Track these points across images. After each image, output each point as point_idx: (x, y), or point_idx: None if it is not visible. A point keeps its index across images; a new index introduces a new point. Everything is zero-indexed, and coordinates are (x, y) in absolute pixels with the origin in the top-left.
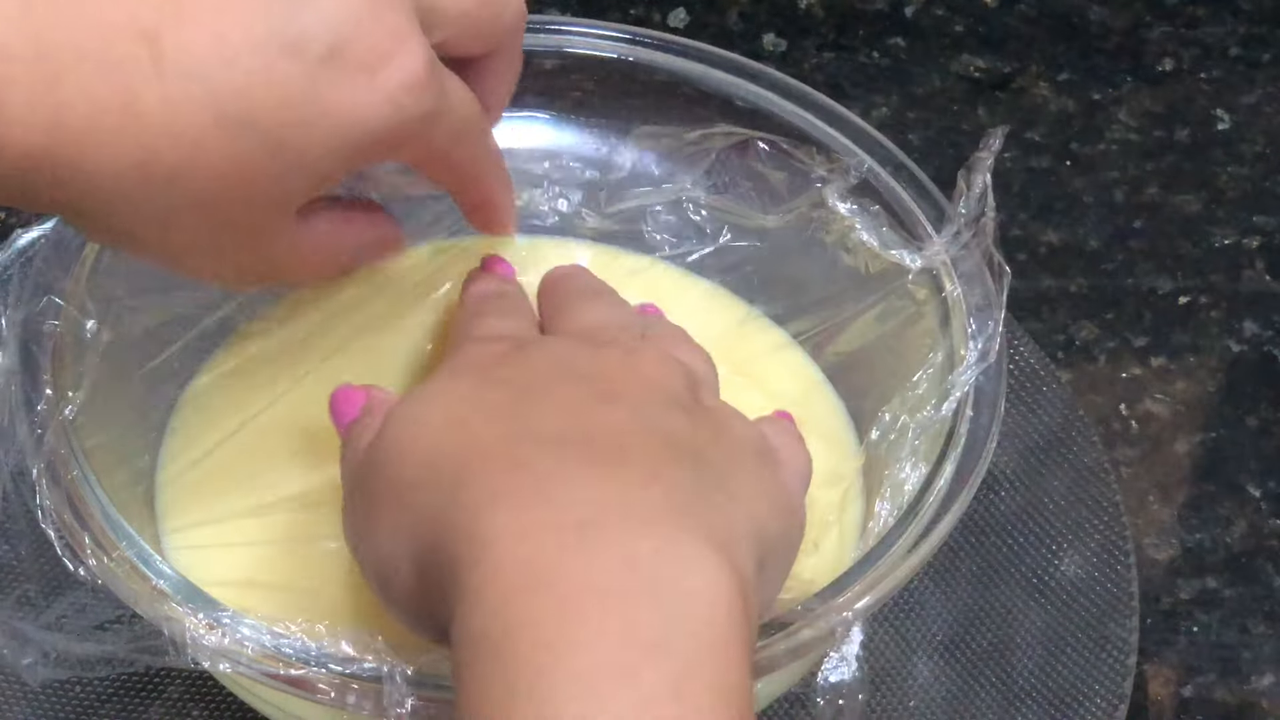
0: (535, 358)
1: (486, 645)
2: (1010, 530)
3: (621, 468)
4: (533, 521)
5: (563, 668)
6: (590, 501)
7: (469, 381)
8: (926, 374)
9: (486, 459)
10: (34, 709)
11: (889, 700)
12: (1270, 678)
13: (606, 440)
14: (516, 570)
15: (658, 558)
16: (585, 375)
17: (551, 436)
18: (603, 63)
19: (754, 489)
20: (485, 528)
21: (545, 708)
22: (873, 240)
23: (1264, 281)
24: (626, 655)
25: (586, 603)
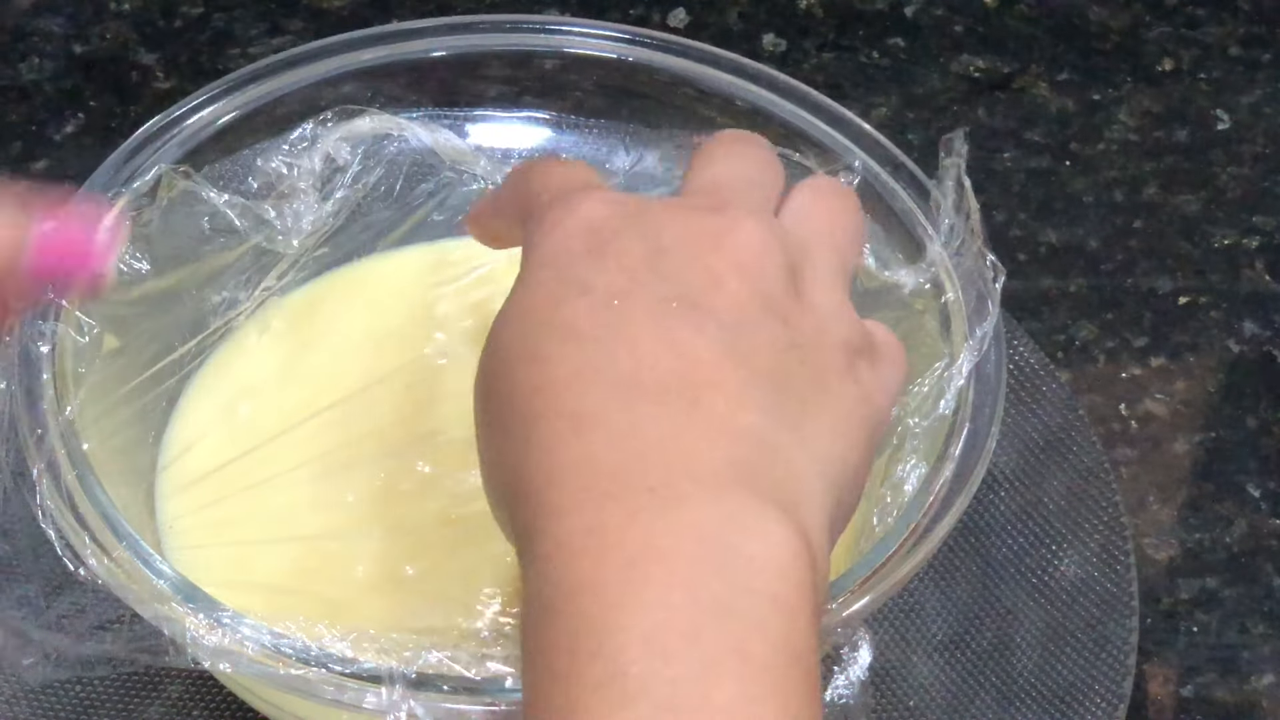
0: (624, 248)
1: (552, 608)
2: (1010, 530)
3: (693, 420)
4: (600, 489)
5: (626, 628)
6: (657, 466)
7: (551, 288)
8: (929, 378)
9: (558, 414)
10: (34, 709)
11: (889, 700)
12: (1270, 678)
13: (684, 381)
14: (582, 537)
15: (724, 525)
16: (678, 270)
17: (628, 376)
18: (603, 63)
19: (834, 414)
20: (555, 496)
21: (609, 666)
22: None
23: (1264, 281)
24: (691, 617)
25: (651, 567)
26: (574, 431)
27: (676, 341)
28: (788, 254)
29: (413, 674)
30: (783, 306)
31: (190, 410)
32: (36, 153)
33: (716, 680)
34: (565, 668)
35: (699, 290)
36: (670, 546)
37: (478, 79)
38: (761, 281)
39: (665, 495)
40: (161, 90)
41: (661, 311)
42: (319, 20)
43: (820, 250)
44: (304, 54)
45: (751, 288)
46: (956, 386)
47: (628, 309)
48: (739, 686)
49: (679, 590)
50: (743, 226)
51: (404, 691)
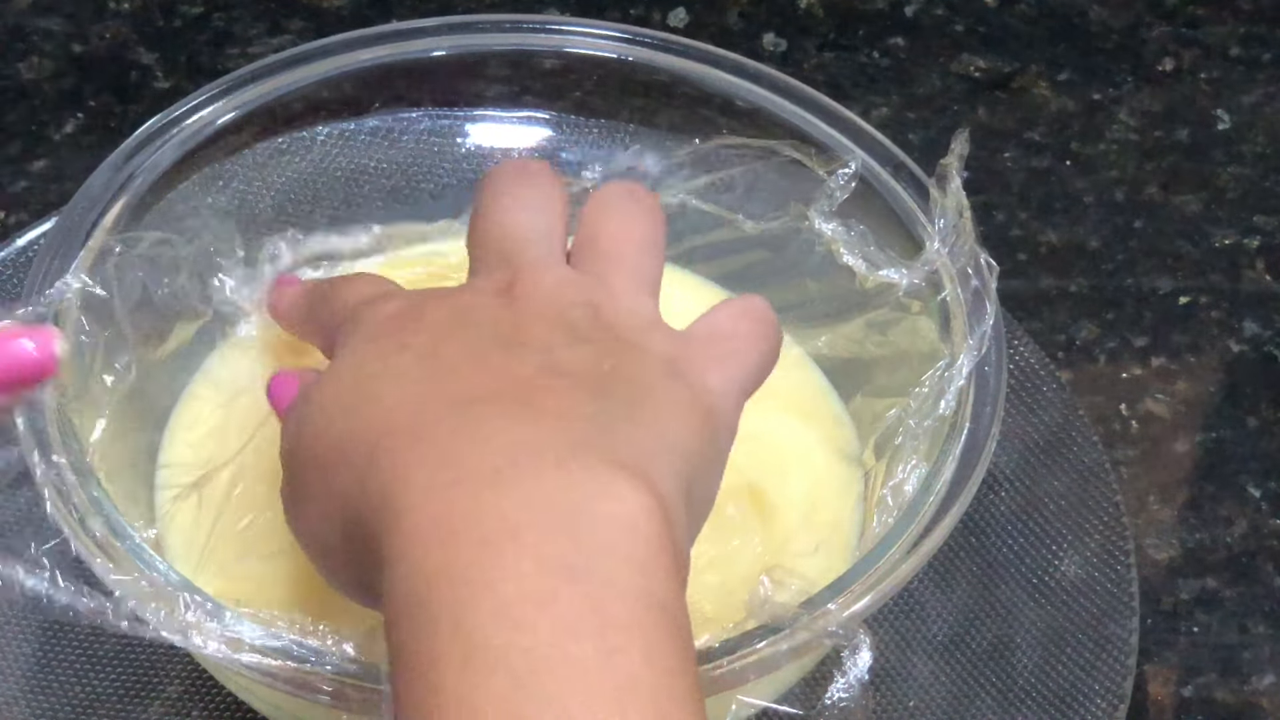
0: (432, 315)
1: (410, 600)
2: (1010, 530)
3: (527, 415)
4: (444, 479)
5: (482, 604)
6: (499, 450)
7: (373, 352)
8: (930, 378)
9: (395, 432)
10: (34, 709)
11: (889, 699)
12: (1270, 678)
13: (511, 391)
14: (432, 527)
15: (571, 491)
16: (483, 323)
17: (457, 397)
18: (603, 63)
19: (664, 410)
20: (399, 496)
21: (468, 643)
22: (859, 263)
23: (1264, 281)
24: (543, 582)
25: (501, 541)
26: (414, 441)
27: (497, 367)
28: (582, 292)
29: None
30: (588, 333)
31: (190, 409)
32: (36, 152)
33: (574, 639)
34: (428, 653)
35: (508, 334)
36: (521, 519)
37: (478, 79)
38: (562, 320)
39: (510, 473)
40: (161, 90)
41: (477, 350)
42: (319, 20)
43: (616, 275)
44: (304, 54)
45: (554, 324)
46: (956, 386)
47: (448, 353)
48: (597, 642)
49: (528, 560)
50: (536, 281)
51: None
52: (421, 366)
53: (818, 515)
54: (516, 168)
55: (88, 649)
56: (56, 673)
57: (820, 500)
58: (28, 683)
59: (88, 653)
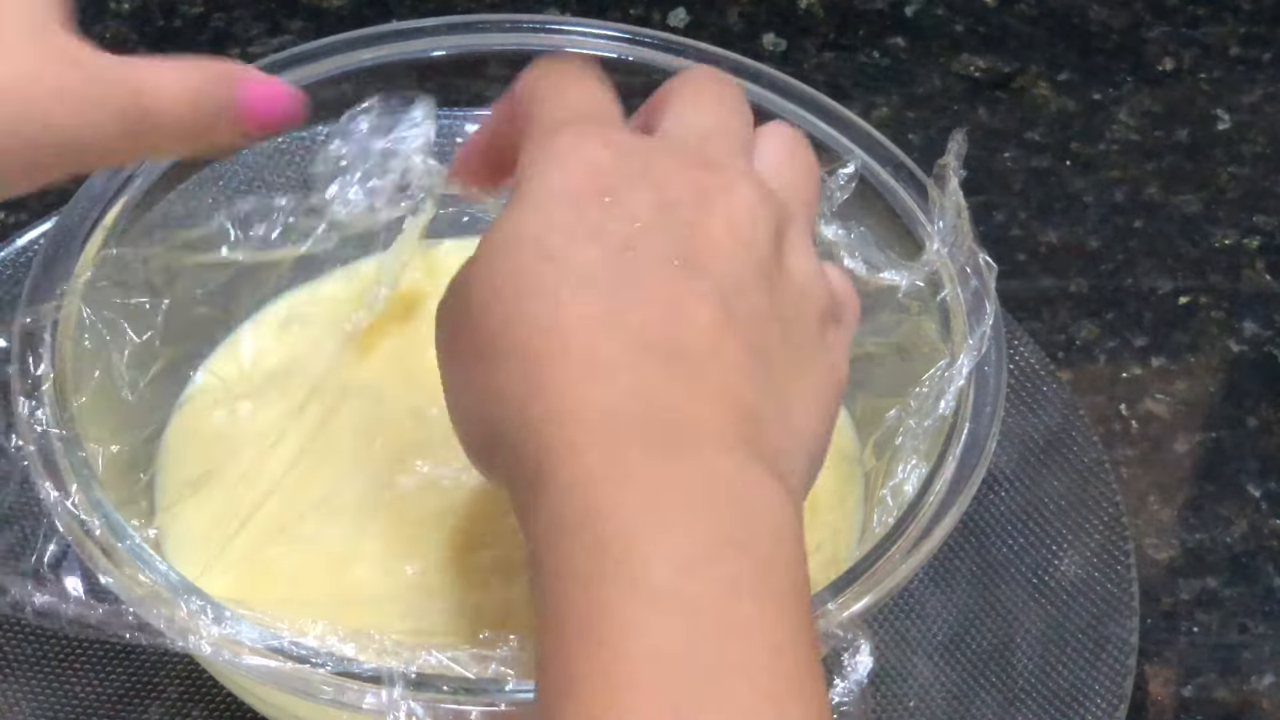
0: (634, 201)
1: (575, 526)
2: (1010, 530)
3: (698, 386)
4: (619, 431)
5: (651, 545)
6: (668, 422)
7: (559, 225)
8: (930, 378)
9: (568, 356)
10: (34, 709)
11: (889, 700)
12: (1270, 678)
13: (689, 346)
14: (604, 467)
15: (735, 476)
16: (682, 229)
17: (638, 331)
18: (603, 63)
19: (810, 393)
20: (571, 433)
21: (635, 572)
22: (859, 265)
23: (1264, 281)
24: (710, 542)
25: (672, 497)
26: (589, 377)
27: (681, 304)
28: (774, 218)
29: (413, 674)
30: (770, 273)
31: (190, 409)
32: None
33: (738, 598)
34: (589, 571)
35: (700, 250)
36: (689, 485)
37: (478, 79)
38: (753, 247)
39: (679, 445)
40: None
41: (667, 271)
42: (319, 20)
43: (797, 210)
44: (304, 54)
45: (745, 253)
46: (956, 387)
47: (636, 263)
48: (757, 605)
49: (698, 520)
50: (738, 189)
51: (404, 691)
52: (609, 272)
53: (818, 515)
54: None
55: (88, 649)
56: (56, 673)
57: (820, 500)
58: (28, 683)
59: (88, 653)
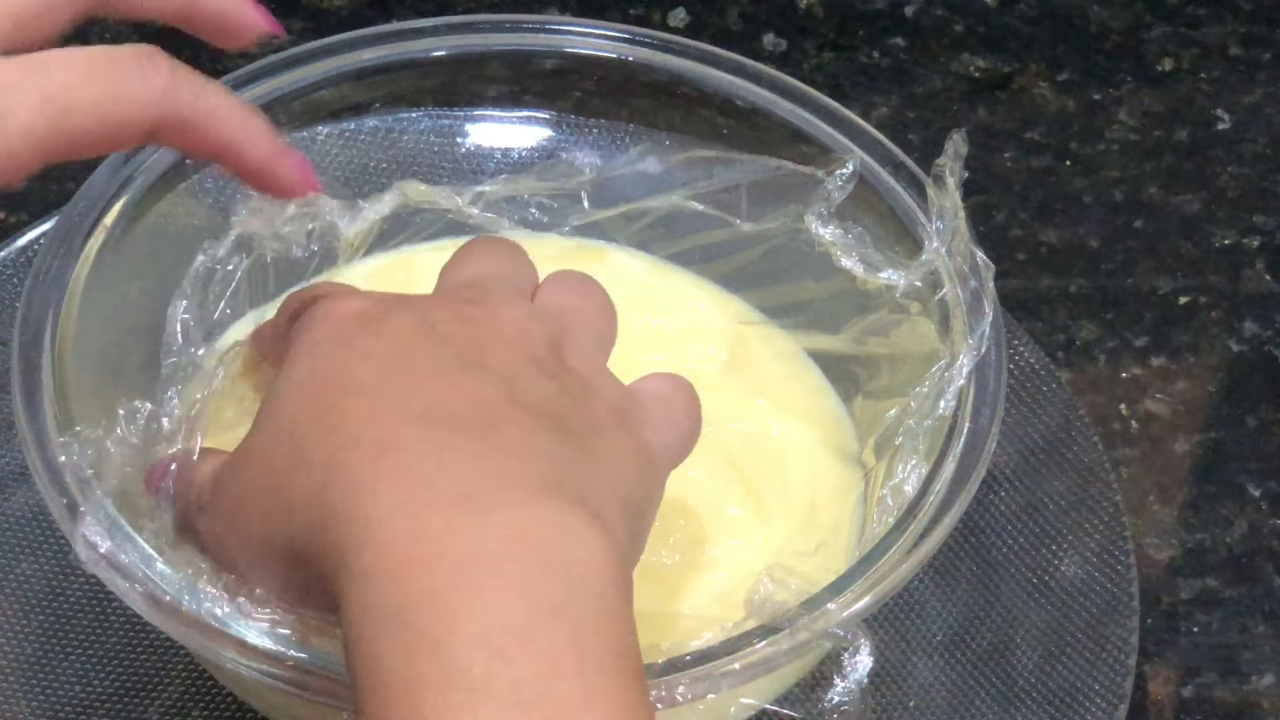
0: (396, 322)
1: (384, 618)
2: (1010, 530)
3: (493, 442)
4: (416, 498)
5: (465, 631)
6: (468, 477)
7: (331, 358)
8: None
9: (359, 443)
10: (34, 709)
11: (889, 700)
12: (1270, 678)
13: (475, 413)
14: (406, 544)
15: (543, 529)
16: (449, 338)
17: (421, 412)
18: (603, 63)
19: (617, 455)
20: (368, 509)
21: (450, 667)
22: (857, 265)
23: (1264, 281)
24: (525, 618)
25: (480, 571)
26: (379, 454)
27: (461, 387)
28: (547, 329)
29: None
30: (550, 367)
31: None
32: None
33: (558, 677)
34: (406, 671)
35: (471, 352)
36: (496, 551)
37: (478, 79)
38: (526, 348)
39: (481, 501)
40: None
41: (441, 366)
42: (319, 20)
43: (577, 326)
44: (304, 54)
45: (518, 352)
46: (956, 386)
47: (410, 365)
48: (579, 682)
49: (510, 593)
50: (503, 309)
51: None
52: (384, 376)
53: (818, 515)
54: (492, 239)
55: (88, 649)
56: (56, 673)
57: (820, 500)
58: (28, 683)
59: (88, 653)
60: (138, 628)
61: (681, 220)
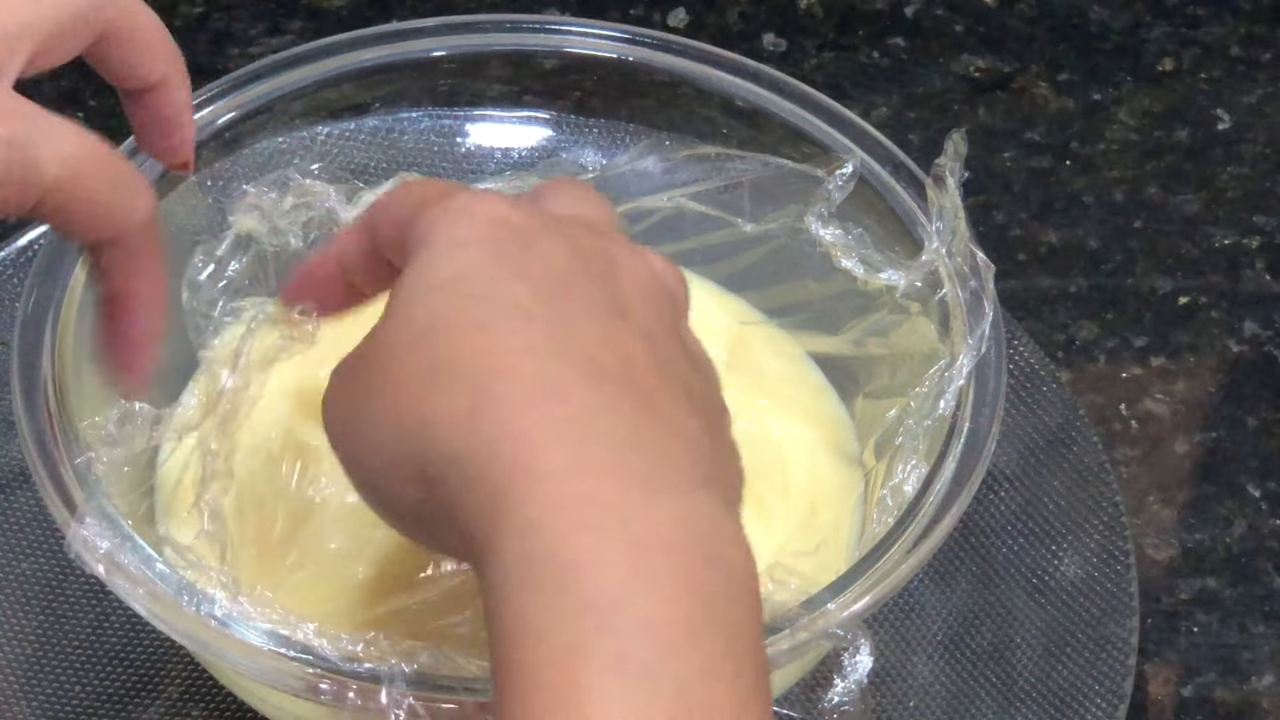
0: (550, 246)
1: (547, 578)
2: (1010, 530)
3: (655, 414)
4: (591, 461)
5: (636, 613)
6: (636, 448)
7: (480, 267)
8: (930, 378)
9: (515, 378)
10: (34, 709)
11: (889, 700)
12: (1270, 678)
13: (630, 376)
14: (580, 509)
15: (707, 523)
16: (599, 277)
17: (584, 361)
18: (603, 63)
19: (730, 442)
20: (538, 460)
21: (616, 646)
22: (857, 266)
23: (1264, 281)
24: (696, 614)
25: (655, 555)
26: (543, 398)
27: (614, 339)
28: (668, 291)
29: (413, 674)
30: (677, 334)
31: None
32: None
33: (719, 681)
34: (565, 640)
35: (619, 299)
36: (670, 538)
37: (478, 79)
38: (658, 307)
39: (654, 481)
40: None
41: (595, 311)
42: (319, 20)
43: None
44: (304, 54)
45: (654, 310)
46: (956, 386)
47: (566, 300)
48: (734, 693)
49: (682, 585)
50: (638, 259)
51: (404, 691)
52: (540, 308)
53: (818, 515)
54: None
55: (88, 649)
56: (56, 673)
57: (820, 500)
58: (28, 683)
59: (88, 653)
60: (138, 628)
61: (683, 221)
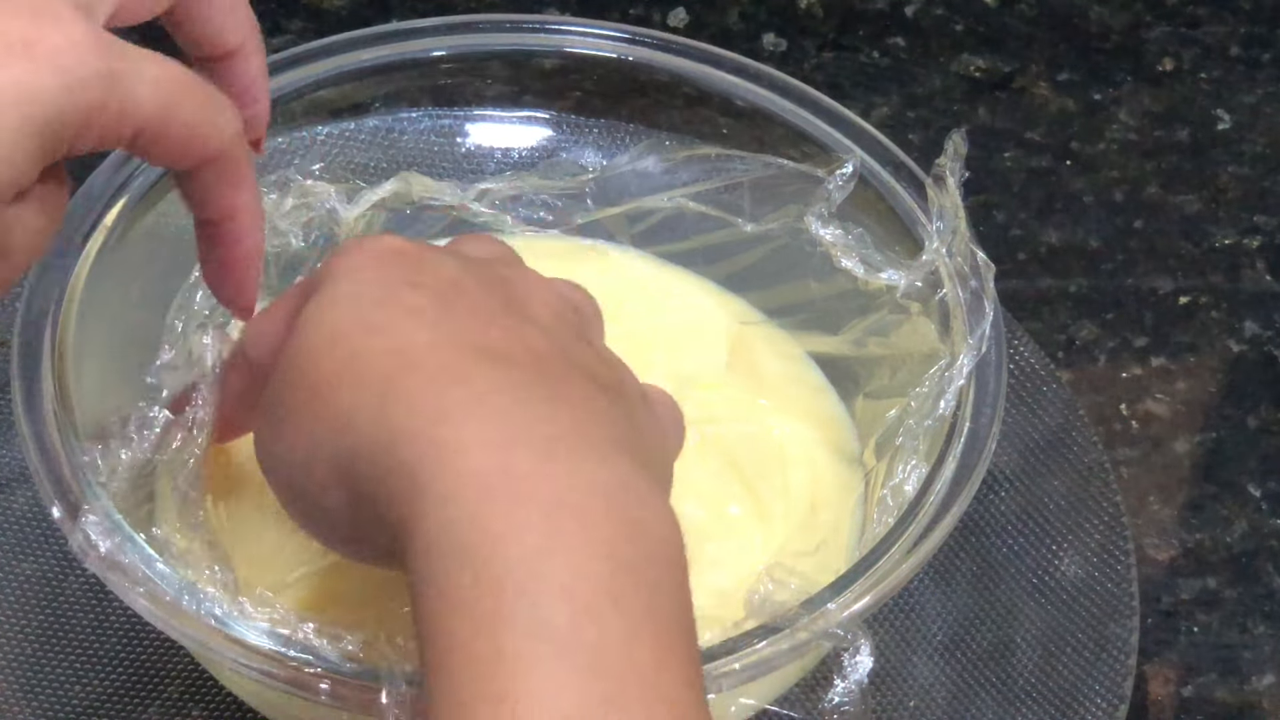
0: (438, 261)
1: (464, 549)
2: (1010, 530)
3: (560, 392)
4: (500, 434)
5: (553, 580)
6: (546, 420)
7: (377, 282)
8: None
9: (420, 368)
10: (34, 709)
11: (889, 700)
12: (1270, 678)
13: (534, 362)
14: (492, 477)
15: (624, 490)
16: (492, 287)
17: (485, 350)
18: (603, 63)
19: (654, 432)
20: (448, 435)
21: (537, 614)
22: (857, 266)
23: (1264, 281)
24: (613, 577)
25: (567, 520)
26: (448, 382)
27: (514, 331)
28: (571, 303)
29: (413, 674)
30: (586, 338)
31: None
32: None
33: (638, 643)
34: (487, 609)
35: (515, 304)
36: (583, 503)
37: (478, 79)
38: (561, 313)
39: (565, 449)
40: None
41: (491, 310)
42: (319, 20)
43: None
44: (304, 54)
45: (556, 315)
46: (956, 386)
47: (460, 302)
48: (653, 652)
49: (597, 549)
50: (532, 275)
51: (404, 691)
52: (436, 308)
53: (818, 515)
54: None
55: (88, 649)
56: (56, 673)
57: (820, 500)
58: (28, 683)
59: (88, 653)
60: (138, 628)
61: (683, 221)
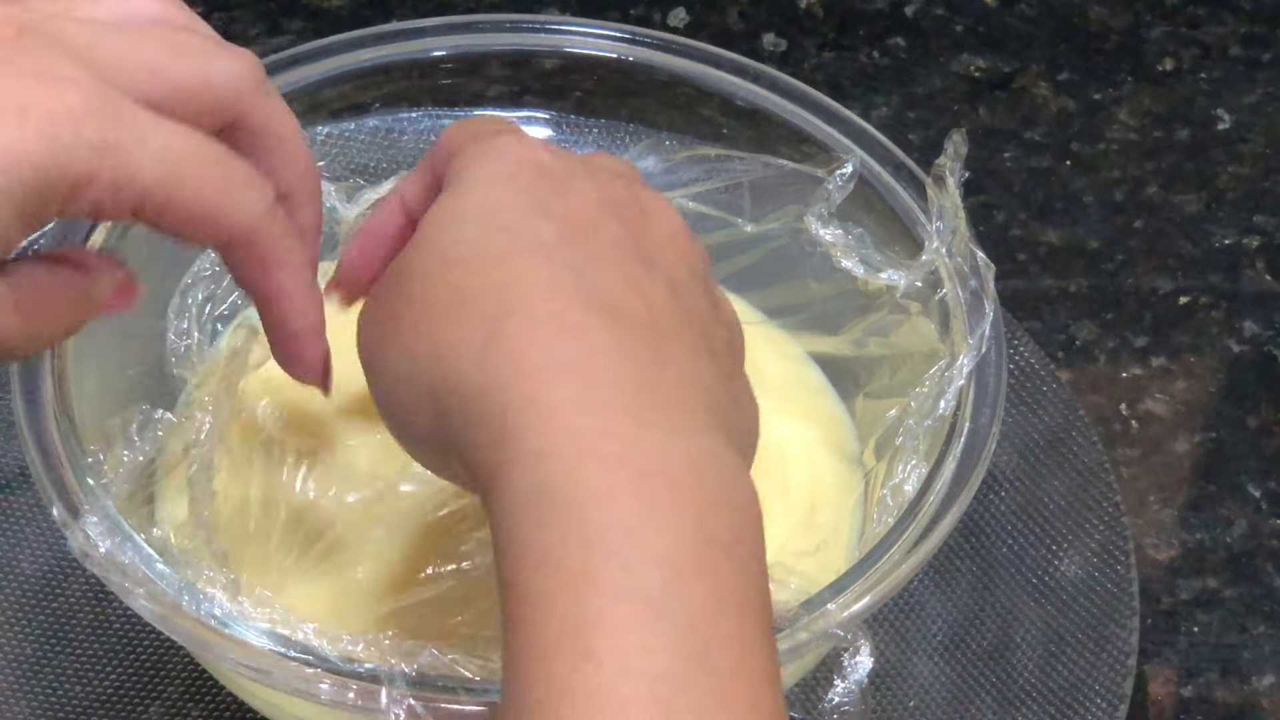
0: (581, 189)
1: (556, 505)
2: (1010, 530)
3: (668, 352)
4: (598, 397)
5: (645, 546)
6: (648, 388)
7: (509, 201)
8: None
9: (529, 313)
10: (34, 708)
11: (889, 701)
12: (1270, 678)
13: (649, 320)
14: (589, 439)
15: (716, 464)
16: (628, 223)
17: (601, 304)
18: (603, 63)
19: (750, 405)
20: (547, 393)
21: (628, 578)
22: (857, 266)
23: (1264, 281)
24: (701, 545)
25: (661, 488)
26: (562, 335)
27: (637, 284)
28: (699, 248)
29: (413, 674)
30: (709, 290)
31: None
32: None
33: (725, 614)
34: (575, 567)
35: (646, 246)
36: (678, 473)
37: (478, 79)
38: (691, 261)
39: (664, 418)
40: None
41: (620, 255)
42: (319, 20)
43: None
44: (304, 54)
45: (683, 260)
46: (956, 386)
47: (591, 242)
48: (739, 624)
49: (689, 518)
50: (667, 211)
51: (404, 691)
52: (565, 248)
53: (818, 515)
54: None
55: (88, 649)
56: (56, 673)
57: (820, 500)
58: (28, 683)
59: (88, 653)
60: (138, 628)
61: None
